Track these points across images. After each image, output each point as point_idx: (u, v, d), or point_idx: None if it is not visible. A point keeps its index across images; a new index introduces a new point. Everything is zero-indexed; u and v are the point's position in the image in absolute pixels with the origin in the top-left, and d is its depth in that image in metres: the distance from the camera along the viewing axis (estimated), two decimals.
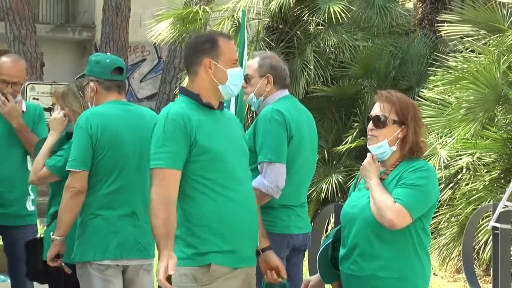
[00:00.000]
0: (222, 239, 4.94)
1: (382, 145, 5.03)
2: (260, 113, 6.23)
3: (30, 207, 7.15)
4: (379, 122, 5.03)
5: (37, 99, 12.75)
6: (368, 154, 4.96)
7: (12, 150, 7.20)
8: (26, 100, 12.72)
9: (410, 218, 4.81)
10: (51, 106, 12.43)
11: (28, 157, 7.19)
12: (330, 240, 5.20)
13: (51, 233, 6.09)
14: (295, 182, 6.19)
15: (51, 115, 6.94)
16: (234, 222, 4.98)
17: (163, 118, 4.95)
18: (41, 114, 7.41)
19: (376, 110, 5.06)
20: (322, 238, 5.56)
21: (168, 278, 4.73)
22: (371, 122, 5.06)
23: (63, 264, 6.10)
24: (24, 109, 7.29)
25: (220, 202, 4.96)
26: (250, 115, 13.93)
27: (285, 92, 6.48)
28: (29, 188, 7.13)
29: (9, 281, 7.57)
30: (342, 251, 5.09)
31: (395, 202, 4.79)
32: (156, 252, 5.01)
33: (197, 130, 4.93)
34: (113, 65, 6.14)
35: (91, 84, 6.12)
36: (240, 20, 14.59)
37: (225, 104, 5.52)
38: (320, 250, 5.23)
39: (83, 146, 5.89)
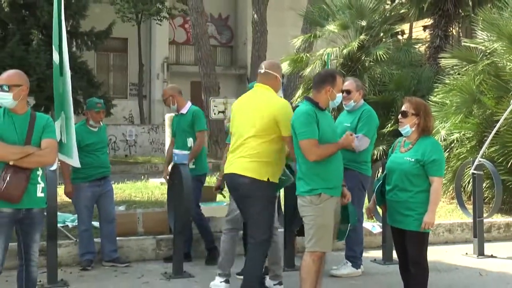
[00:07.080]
0: (327, 181, 4.92)
1: (406, 127, 5.01)
2: (364, 109, 6.42)
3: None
4: (404, 114, 5.02)
5: (216, 107, 12.89)
6: None
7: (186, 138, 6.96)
8: (211, 108, 12.99)
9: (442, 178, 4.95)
10: (223, 110, 12.67)
11: (189, 139, 6.89)
12: (380, 181, 5.19)
13: None
14: (370, 150, 6.56)
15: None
16: (334, 172, 4.97)
17: (303, 111, 4.93)
18: (195, 114, 6.93)
19: (403, 107, 5.06)
20: (375, 180, 5.54)
21: None
22: (400, 114, 5.05)
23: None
24: (184, 111, 6.96)
25: (327, 160, 4.92)
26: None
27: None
28: None
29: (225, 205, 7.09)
30: (387, 187, 5.08)
31: (438, 176, 4.85)
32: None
33: (318, 120, 4.90)
34: None
35: None
36: (325, 59, 14.75)
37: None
38: (375, 187, 5.23)
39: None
